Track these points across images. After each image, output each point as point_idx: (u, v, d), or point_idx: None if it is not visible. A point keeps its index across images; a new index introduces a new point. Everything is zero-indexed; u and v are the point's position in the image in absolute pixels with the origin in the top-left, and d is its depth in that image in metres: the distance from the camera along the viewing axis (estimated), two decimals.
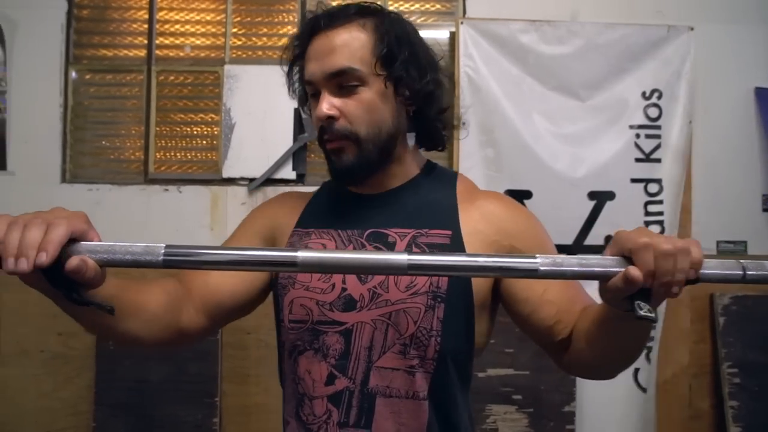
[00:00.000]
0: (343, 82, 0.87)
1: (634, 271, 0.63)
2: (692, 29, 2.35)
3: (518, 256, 0.66)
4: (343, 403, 0.85)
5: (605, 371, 0.87)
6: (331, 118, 0.87)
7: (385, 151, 0.91)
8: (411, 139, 0.95)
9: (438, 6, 2.53)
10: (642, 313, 0.62)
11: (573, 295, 0.89)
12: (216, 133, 2.46)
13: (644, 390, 2.30)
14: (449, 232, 0.89)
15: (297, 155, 2.41)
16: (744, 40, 2.43)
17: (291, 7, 2.50)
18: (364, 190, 0.95)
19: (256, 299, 0.96)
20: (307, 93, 0.95)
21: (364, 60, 0.88)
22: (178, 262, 0.61)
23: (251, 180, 2.41)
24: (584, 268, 0.64)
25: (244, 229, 1.00)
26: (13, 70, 2.40)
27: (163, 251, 0.61)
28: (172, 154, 2.48)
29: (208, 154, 2.48)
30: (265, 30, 2.50)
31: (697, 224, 2.39)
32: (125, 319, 0.77)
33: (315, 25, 0.90)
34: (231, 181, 2.42)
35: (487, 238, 0.90)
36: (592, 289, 0.77)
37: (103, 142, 2.48)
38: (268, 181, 2.40)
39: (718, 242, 2.43)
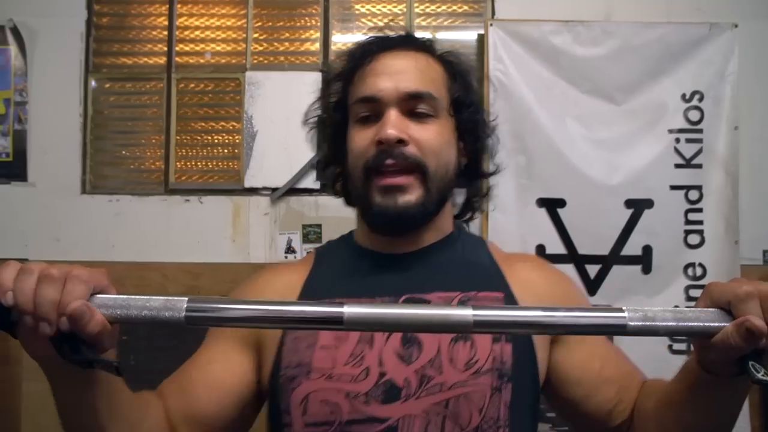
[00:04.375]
0: (418, 107, 0.77)
1: (758, 321, 0.51)
2: (736, 26, 2.22)
3: (603, 310, 0.57)
4: None
5: None
6: (400, 142, 0.74)
7: (442, 200, 0.80)
8: (460, 196, 0.87)
9: (465, 7, 2.44)
10: (760, 376, 0.52)
11: (631, 369, 0.77)
12: (238, 141, 2.40)
13: None
14: (501, 294, 0.76)
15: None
16: None
17: (314, 11, 2.42)
18: (392, 248, 0.80)
19: (250, 412, 0.78)
20: (346, 115, 0.82)
21: (441, 94, 0.79)
22: (201, 320, 0.53)
23: (274, 190, 2.34)
24: (680, 323, 0.54)
25: (221, 330, 0.79)
26: (33, 80, 2.36)
27: (185, 306, 0.53)
28: (193, 163, 2.43)
29: (230, 164, 2.41)
30: (287, 35, 2.43)
31: (743, 233, 2.26)
32: (128, 427, 0.65)
33: (386, 42, 0.81)
34: (253, 191, 2.36)
35: (540, 304, 0.76)
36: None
37: (123, 152, 2.43)
38: (292, 191, 2.33)
39: (765, 252, 2.30)
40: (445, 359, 0.70)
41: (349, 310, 0.53)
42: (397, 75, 0.77)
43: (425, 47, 0.82)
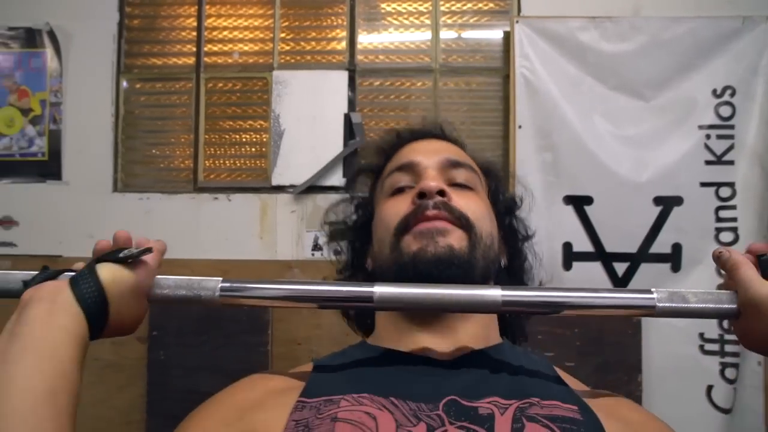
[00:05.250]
0: (459, 176, 0.71)
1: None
2: None
3: (632, 291, 0.56)
4: None
5: None
6: (443, 195, 0.66)
7: (485, 277, 0.68)
8: None
9: (491, 5, 2.43)
10: None
11: None
12: (265, 140, 2.43)
13: (721, 410, 2.14)
14: (575, 407, 0.57)
15: (347, 161, 2.35)
16: None
17: (339, 10, 2.45)
18: (427, 347, 0.63)
19: None
20: (371, 200, 0.77)
21: (479, 176, 0.75)
22: (235, 297, 0.55)
23: None
24: (710, 304, 0.54)
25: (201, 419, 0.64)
26: (67, 82, 2.42)
27: (219, 286, 0.55)
28: (221, 162, 2.47)
29: (257, 162, 2.45)
30: (313, 34, 2.45)
31: None
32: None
33: (417, 132, 0.79)
34: (280, 188, 2.39)
35: None
36: None
37: (154, 151, 2.48)
38: (318, 188, 2.36)
39: None
40: None
41: (380, 289, 0.54)
42: (433, 147, 0.75)
43: (457, 142, 0.80)
